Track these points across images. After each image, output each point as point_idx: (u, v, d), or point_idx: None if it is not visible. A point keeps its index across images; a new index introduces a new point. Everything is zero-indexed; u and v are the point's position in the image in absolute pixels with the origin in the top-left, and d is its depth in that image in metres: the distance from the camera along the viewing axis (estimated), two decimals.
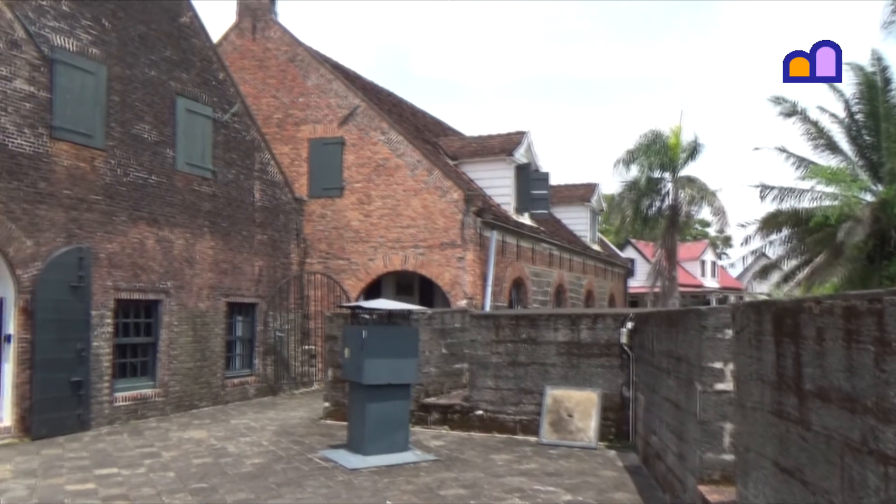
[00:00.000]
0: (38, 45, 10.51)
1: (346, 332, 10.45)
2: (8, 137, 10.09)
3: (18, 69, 10.25)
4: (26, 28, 10.35)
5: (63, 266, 10.74)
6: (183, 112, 13.28)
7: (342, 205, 17.91)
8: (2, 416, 10.24)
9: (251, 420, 12.28)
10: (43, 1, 10.66)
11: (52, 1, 10.80)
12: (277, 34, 18.69)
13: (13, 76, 10.17)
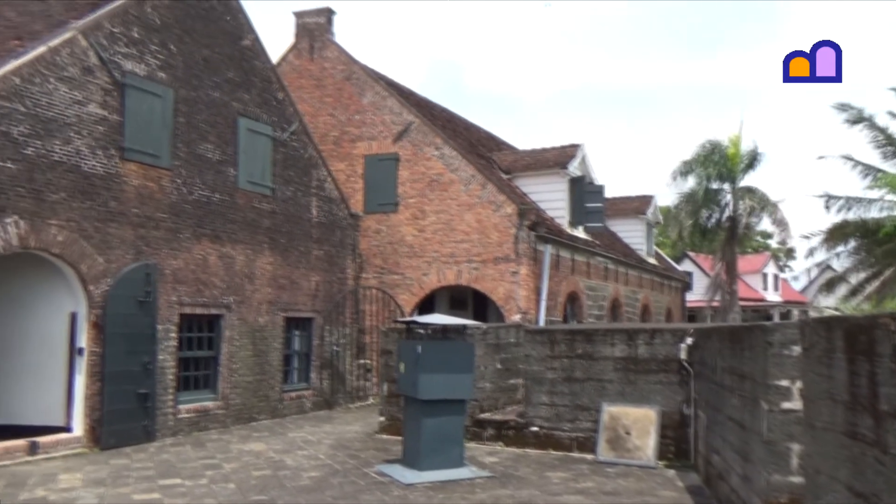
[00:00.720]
0: (110, 71, 11.01)
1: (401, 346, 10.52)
2: (82, 159, 10.57)
3: (92, 94, 10.75)
4: (100, 55, 10.85)
5: (131, 282, 11.15)
6: (244, 132, 13.69)
7: (397, 220, 18.10)
8: (73, 427, 10.64)
9: (308, 433, 12.46)
10: (115, 29, 11.18)
11: (124, 28, 11.31)
12: (334, 53, 19.10)
13: (87, 101, 10.67)
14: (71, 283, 10.67)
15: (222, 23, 13.33)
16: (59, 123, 10.24)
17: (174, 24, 12.24)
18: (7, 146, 9.56)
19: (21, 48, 10.27)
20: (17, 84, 9.72)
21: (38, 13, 12.00)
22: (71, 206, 10.37)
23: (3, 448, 9.64)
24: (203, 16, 12.88)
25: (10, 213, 9.58)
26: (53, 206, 10.13)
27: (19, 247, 9.76)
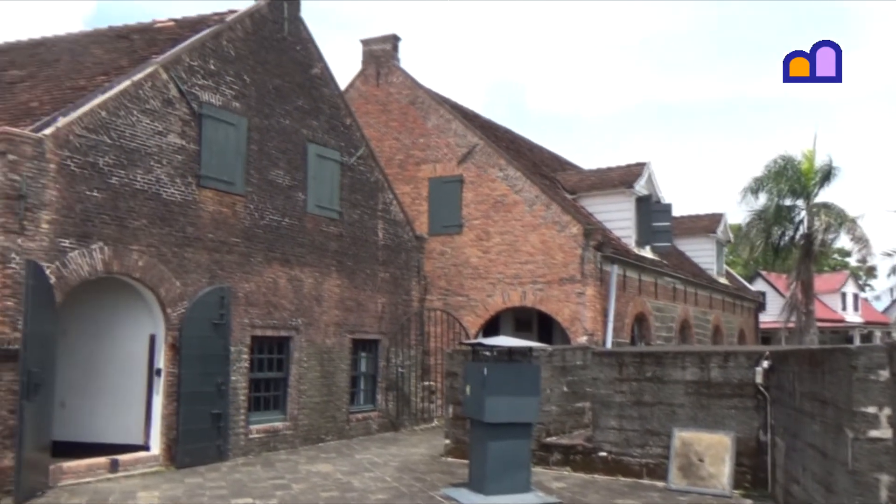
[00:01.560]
0: (188, 102, 11.52)
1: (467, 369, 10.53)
2: (162, 187, 11.06)
3: (172, 125, 11.27)
4: (179, 87, 11.38)
5: (206, 305, 11.54)
6: (313, 157, 14.06)
7: (461, 242, 18.19)
8: (151, 445, 11.03)
9: (374, 455, 12.55)
10: (193, 62, 11.70)
11: (201, 61, 11.83)
12: (399, 79, 19.47)
13: (167, 131, 11.18)
14: (150, 306, 11.13)
15: (293, 53, 13.78)
16: (142, 153, 10.76)
17: (248, 55, 12.73)
18: (94, 176, 10.09)
19: (107, 83, 10.85)
20: (104, 117, 10.27)
21: (124, 50, 12.69)
22: (151, 232, 10.85)
23: (86, 465, 10.06)
24: (275, 46, 13.36)
25: (96, 240, 10.08)
26: (135, 232, 10.61)
27: (104, 271, 10.25)
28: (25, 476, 8.81)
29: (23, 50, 14.46)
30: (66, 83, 11.76)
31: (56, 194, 9.58)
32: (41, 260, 9.29)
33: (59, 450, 9.84)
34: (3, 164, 9.02)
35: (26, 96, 11.66)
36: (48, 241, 9.47)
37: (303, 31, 14.07)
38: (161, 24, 13.62)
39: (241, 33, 12.63)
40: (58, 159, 9.61)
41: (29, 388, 8.92)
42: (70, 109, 10.02)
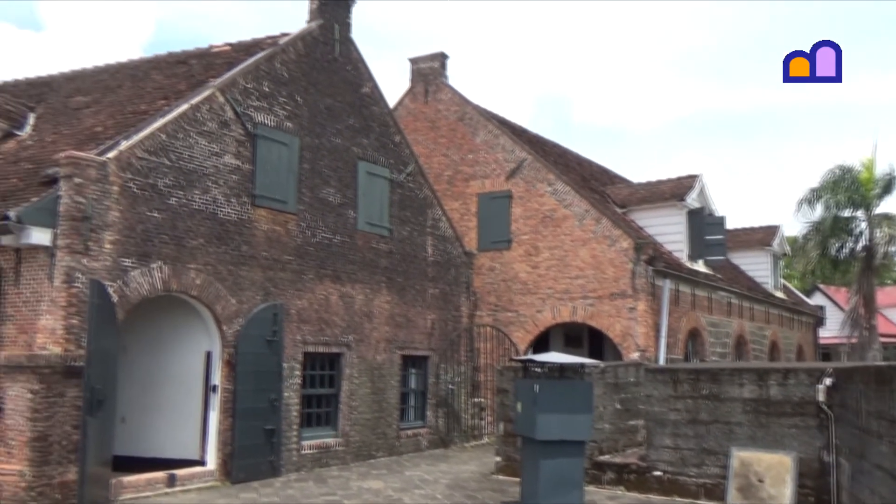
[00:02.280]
0: (243, 124, 11.82)
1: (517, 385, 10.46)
2: (218, 207, 11.34)
3: (227, 146, 11.57)
4: (235, 109, 11.68)
5: (260, 322, 11.74)
6: (364, 175, 14.24)
7: (510, 257, 18.14)
8: (207, 460, 11.24)
9: (424, 472, 12.53)
10: (248, 84, 12.01)
11: (256, 83, 12.14)
12: (447, 96, 19.61)
13: (223, 152, 11.49)
14: (207, 324, 11.38)
15: (343, 73, 14.03)
16: (199, 174, 11.06)
17: (300, 76, 13.00)
18: (154, 197, 10.42)
19: (167, 107, 11.21)
20: (164, 140, 10.61)
21: (182, 74, 13.10)
22: (207, 250, 11.12)
23: (145, 480, 10.30)
24: (326, 67, 13.62)
25: (156, 259, 10.39)
26: (192, 251, 10.89)
27: (163, 290, 10.54)
28: (88, 490, 9.08)
29: (88, 77, 15.06)
30: (129, 108, 12.20)
31: (118, 215, 9.91)
32: (104, 279, 9.61)
33: (120, 464, 10.10)
34: (70, 186, 9.38)
35: (91, 121, 12.14)
36: (111, 261, 9.79)
37: (353, 51, 14.31)
38: (217, 48, 14.03)
39: (293, 55, 12.92)
40: (120, 181, 9.96)
41: (92, 403, 9.21)
42: (132, 133, 10.39)
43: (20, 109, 13.23)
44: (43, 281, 9.41)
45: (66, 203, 9.34)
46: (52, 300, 9.31)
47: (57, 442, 9.14)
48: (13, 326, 9.59)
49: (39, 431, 9.00)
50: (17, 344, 9.49)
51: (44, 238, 9.26)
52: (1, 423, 9.29)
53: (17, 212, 9.01)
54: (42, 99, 14.21)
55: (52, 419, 9.11)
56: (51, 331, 9.27)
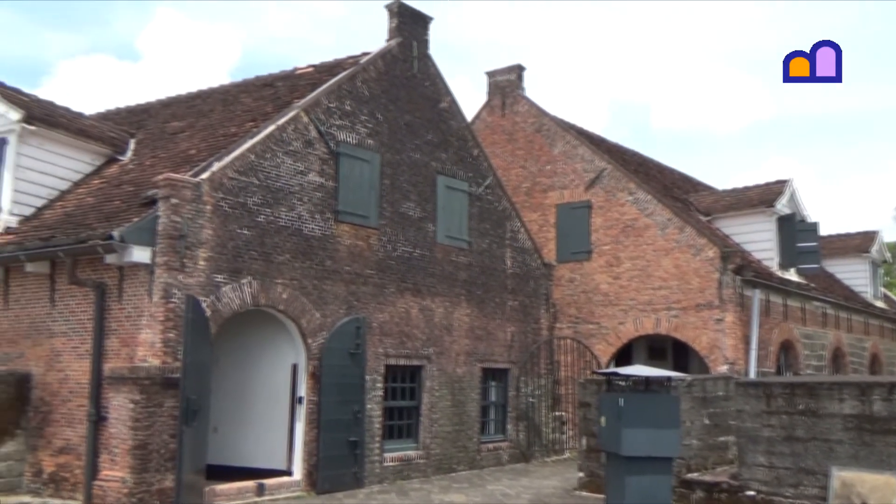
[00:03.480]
0: (327, 142, 12.15)
1: (601, 399, 10.28)
2: (303, 223, 11.68)
3: (312, 164, 11.91)
4: (318, 128, 12.03)
5: (343, 335, 11.99)
6: (443, 189, 14.37)
7: (590, 268, 17.90)
8: (294, 471, 11.52)
9: (506, 486, 12.45)
10: (331, 104, 12.34)
11: (338, 102, 12.46)
12: (524, 108, 19.60)
13: (308, 170, 11.84)
14: (293, 337, 11.71)
15: (422, 89, 14.23)
16: (285, 192, 11.43)
17: (381, 94, 13.28)
18: (244, 215, 10.83)
19: (255, 128, 11.65)
20: (253, 160, 11.03)
21: (269, 97, 13.61)
22: (293, 266, 11.46)
23: (236, 489, 10.66)
24: (405, 84, 13.85)
25: (246, 275, 10.78)
26: (279, 266, 11.25)
27: (252, 304, 10.93)
28: (184, 497, 9.46)
29: (182, 103, 15.83)
30: (220, 131, 12.75)
31: (211, 233, 10.35)
32: (198, 294, 10.04)
33: (212, 473, 10.47)
34: (167, 207, 9.87)
35: (186, 145, 12.74)
36: (204, 277, 10.23)
37: (431, 67, 14.50)
38: (301, 70, 14.50)
39: (373, 74, 13.20)
40: (213, 201, 10.40)
41: (188, 414, 9.61)
42: (223, 155, 10.84)
43: (122, 136, 14.02)
44: (143, 297, 9.92)
45: (163, 222, 9.84)
46: (151, 315, 9.79)
47: (156, 450, 9.57)
48: (116, 340, 10.14)
49: (140, 440, 9.46)
50: (119, 356, 10.03)
51: (144, 256, 9.76)
52: (105, 431, 9.83)
53: (120, 231, 9.54)
54: (141, 125, 15.03)
55: (151, 428, 9.56)
56: (150, 344, 9.75)
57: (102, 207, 11.15)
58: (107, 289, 10.25)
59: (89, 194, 12.09)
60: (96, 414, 9.99)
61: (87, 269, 10.39)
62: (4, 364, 11.15)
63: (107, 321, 10.21)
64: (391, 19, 14.00)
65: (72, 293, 10.66)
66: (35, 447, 10.74)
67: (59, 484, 10.41)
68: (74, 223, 10.92)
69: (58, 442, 10.54)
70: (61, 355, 10.71)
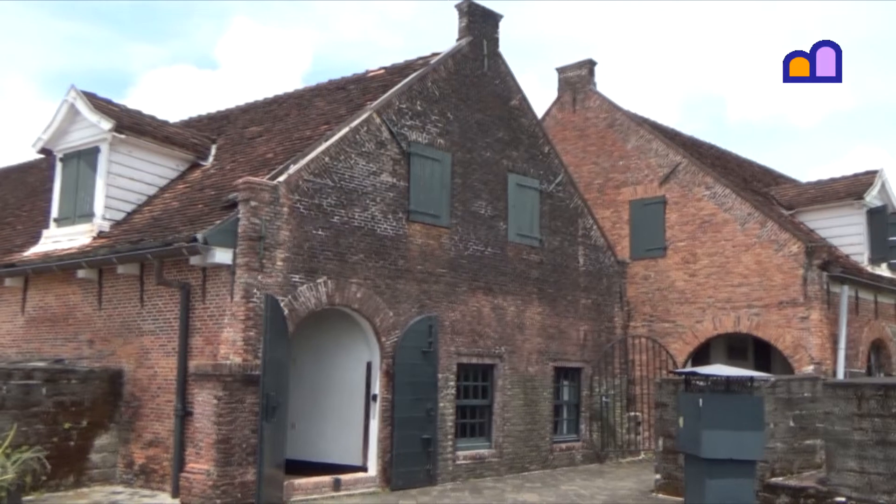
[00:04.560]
0: (398, 143, 12.30)
1: (680, 399, 10.07)
2: (376, 223, 11.87)
3: (384, 165, 12.09)
4: (390, 129, 12.19)
5: (416, 333, 12.11)
6: (514, 187, 14.32)
7: (665, 265, 17.50)
8: (369, 467, 11.71)
9: (580, 487, 12.31)
10: (402, 104, 12.49)
11: (409, 103, 12.60)
12: (596, 103, 19.30)
13: (380, 171, 12.02)
14: (367, 335, 11.91)
15: (492, 87, 14.21)
16: (359, 193, 11.64)
17: (451, 93, 13.33)
18: (319, 217, 11.09)
19: (329, 131, 11.90)
20: (327, 162, 11.28)
21: (342, 100, 13.87)
22: (367, 265, 11.65)
23: (313, 483, 10.93)
24: (475, 83, 13.86)
25: (321, 274, 11.03)
26: (353, 266, 11.46)
27: (327, 303, 11.18)
28: (265, 490, 9.77)
29: (259, 108, 16.30)
30: (296, 134, 13.08)
31: (288, 234, 10.64)
32: (277, 294, 10.34)
33: (290, 467, 10.75)
34: (246, 209, 10.21)
35: (263, 149, 13.14)
36: (282, 277, 10.53)
37: (501, 65, 14.45)
38: (373, 73, 14.71)
39: (444, 73, 13.27)
40: (290, 203, 10.69)
41: (268, 410, 9.92)
42: (299, 158, 11.13)
43: (204, 142, 14.56)
44: (225, 296, 10.29)
45: (243, 224, 10.17)
46: (232, 314, 10.15)
47: (238, 444, 9.92)
48: (200, 338, 10.56)
49: (223, 434, 9.81)
50: (203, 354, 10.44)
51: (225, 257, 10.13)
52: (191, 425, 10.25)
53: (203, 234, 9.93)
54: (221, 131, 15.57)
55: (233, 423, 9.91)
56: (232, 342, 10.10)
57: (187, 211, 11.63)
58: (191, 289, 10.68)
59: (174, 199, 12.63)
60: (182, 409, 10.44)
61: (174, 270, 10.86)
62: (98, 361, 11.78)
63: (191, 320, 10.65)
64: (461, 18, 14.03)
65: (159, 293, 11.17)
66: (127, 440, 11.31)
67: (148, 475, 10.93)
68: (161, 227, 11.42)
69: (147, 435, 11.06)
70: (150, 353, 11.23)
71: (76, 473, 10.86)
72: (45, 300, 12.95)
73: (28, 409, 10.43)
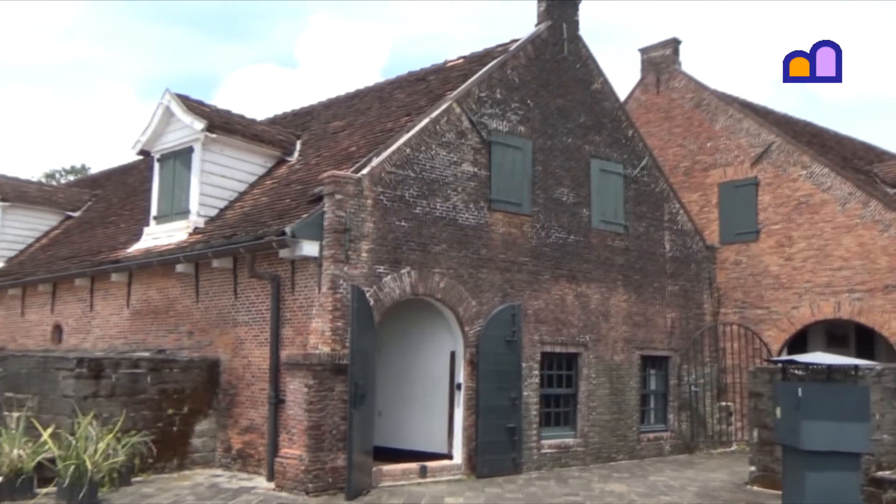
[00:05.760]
0: (479, 132, 12.28)
1: (777, 389, 9.72)
2: (458, 213, 11.91)
3: (465, 154, 12.10)
4: (470, 119, 12.18)
5: (499, 322, 12.10)
6: (597, 172, 14.06)
7: (758, 249, 16.80)
8: (454, 454, 11.83)
9: (669, 478, 12.06)
10: (482, 93, 12.44)
11: (489, 91, 12.53)
12: (682, 83, 18.66)
13: (461, 161, 12.04)
14: (450, 325, 12.00)
15: (573, 71, 13.95)
16: (440, 183, 11.71)
17: (531, 80, 13.18)
18: (402, 208, 11.23)
19: (410, 123, 12.01)
20: (409, 153, 11.39)
21: (422, 91, 13.95)
22: (449, 255, 11.72)
23: (400, 470, 11.14)
24: (556, 68, 13.65)
25: (405, 265, 11.18)
26: (436, 256, 11.56)
27: (411, 294, 11.32)
28: (354, 475, 10.03)
29: (341, 103, 16.61)
30: (377, 127, 13.26)
31: (372, 226, 10.83)
32: (363, 285, 10.55)
33: (377, 454, 11.00)
34: (332, 203, 10.45)
35: (346, 142, 13.39)
36: (367, 268, 10.73)
37: (581, 48, 14.17)
38: (452, 62, 14.72)
39: (523, 60, 13.13)
40: (373, 195, 10.87)
41: (356, 397, 10.16)
42: (381, 150, 11.28)
43: (289, 138, 14.97)
44: (313, 288, 10.59)
45: (329, 217, 10.42)
46: (320, 305, 10.43)
47: (328, 431, 10.22)
48: (291, 329, 10.92)
49: (314, 421, 10.13)
50: (294, 344, 10.79)
51: (313, 250, 10.41)
52: (284, 412, 10.63)
53: (291, 228, 10.23)
54: (305, 127, 15.96)
55: (324, 411, 10.21)
56: (320, 332, 10.39)
57: (275, 206, 12.01)
58: (281, 281, 11.04)
59: (263, 194, 13.07)
60: (275, 397, 10.83)
61: (264, 263, 11.26)
62: (197, 351, 12.37)
63: (282, 311, 11.01)
64: (540, 3, 13.83)
65: (251, 286, 11.61)
66: (224, 426, 11.85)
67: (245, 459, 11.43)
68: (252, 221, 11.85)
69: (243, 421, 11.55)
70: (244, 343, 11.70)
71: (179, 457, 11.47)
72: (148, 294, 13.68)
73: (135, 396, 11.09)
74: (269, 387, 10.96)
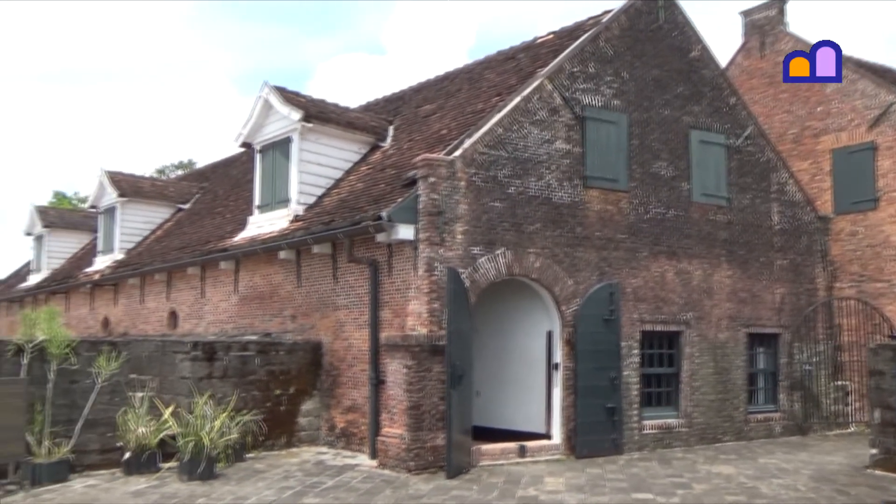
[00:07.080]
0: (571, 108, 12.02)
1: None
2: (552, 192, 11.74)
3: (558, 131, 11.88)
4: (563, 95, 11.93)
5: (596, 301, 11.90)
6: (696, 144, 13.48)
7: (877, 218, 15.71)
8: (553, 434, 11.78)
9: (780, 461, 11.55)
10: (574, 68, 12.16)
11: (581, 66, 12.23)
12: (788, 45, 17.54)
13: (554, 138, 11.83)
14: (546, 305, 11.89)
15: (669, 40, 13.39)
16: (533, 162, 11.56)
17: (625, 51, 12.76)
18: (495, 188, 11.18)
19: (501, 102, 11.90)
20: (500, 133, 11.30)
21: (512, 70, 13.78)
22: (544, 234, 11.59)
23: (499, 449, 11.20)
24: (651, 37, 13.14)
25: (499, 246, 11.15)
26: (531, 236, 11.46)
27: (506, 274, 11.29)
28: (454, 454, 10.17)
29: (431, 87, 16.65)
30: (468, 108, 13.22)
31: (466, 207, 10.84)
32: (458, 266, 10.61)
33: (476, 433, 11.12)
34: (426, 186, 10.53)
35: (437, 125, 13.43)
36: (462, 250, 10.78)
37: (678, 15, 13.55)
38: (542, 38, 14.43)
39: (616, 31, 12.70)
40: (466, 177, 10.87)
41: (454, 378, 10.27)
42: (473, 131, 11.24)
43: (382, 124, 15.17)
44: (409, 271, 10.74)
45: (423, 200, 10.51)
46: (417, 287, 10.58)
47: (427, 411, 10.40)
48: (389, 311, 11.14)
49: (414, 401, 10.33)
50: (392, 326, 11.01)
51: (408, 233, 10.54)
52: (384, 393, 10.90)
53: (387, 212, 10.40)
54: (397, 112, 16.12)
55: (423, 391, 10.39)
56: (418, 314, 10.55)
57: (370, 191, 12.23)
58: (378, 265, 11.27)
59: (359, 180, 13.33)
60: (376, 378, 11.11)
61: (362, 247, 11.51)
62: (301, 334, 12.84)
63: (380, 294, 11.24)
64: None
65: (350, 270, 11.90)
66: (328, 405, 12.27)
67: (349, 438, 11.81)
68: (349, 207, 12.12)
69: (346, 401, 11.93)
70: (345, 326, 12.04)
71: (287, 435, 11.99)
72: (254, 280, 14.30)
73: (245, 377, 11.65)
74: (369, 368, 11.25)
